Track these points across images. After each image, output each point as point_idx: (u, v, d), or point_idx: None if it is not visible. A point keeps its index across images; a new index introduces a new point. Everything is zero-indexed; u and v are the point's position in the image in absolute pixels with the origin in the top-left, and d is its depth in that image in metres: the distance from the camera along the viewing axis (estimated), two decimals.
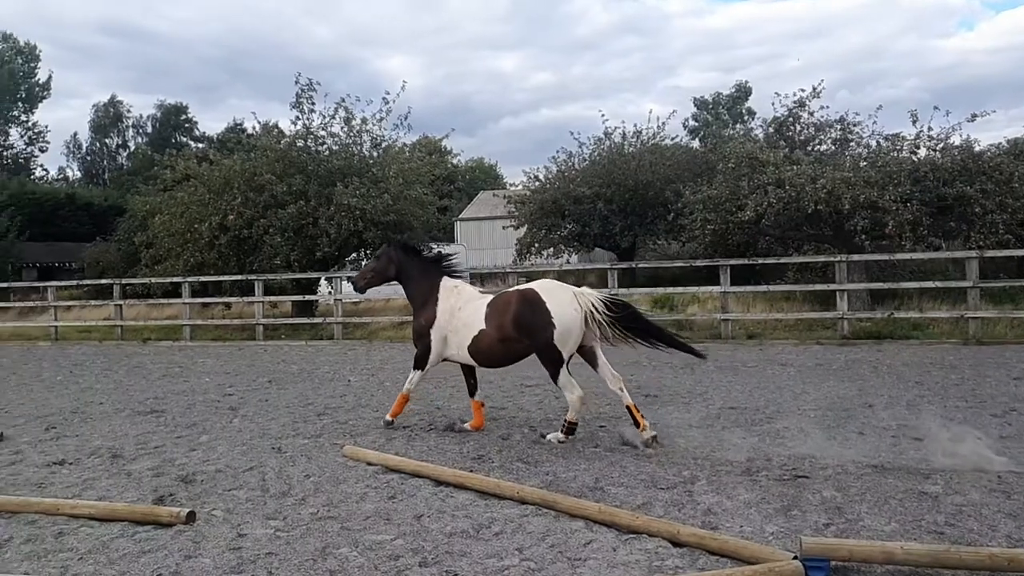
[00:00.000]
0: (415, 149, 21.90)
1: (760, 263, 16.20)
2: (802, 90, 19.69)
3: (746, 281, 16.90)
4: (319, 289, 20.84)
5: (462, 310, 6.91)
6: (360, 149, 20.97)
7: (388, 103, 20.61)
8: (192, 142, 60.32)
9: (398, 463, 5.85)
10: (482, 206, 45.92)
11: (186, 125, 65.75)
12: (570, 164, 25.45)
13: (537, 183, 25.38)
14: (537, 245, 24.84)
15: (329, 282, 19.77)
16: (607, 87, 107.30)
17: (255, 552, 4.23)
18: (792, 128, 19.78)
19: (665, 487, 5.24)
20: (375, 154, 21.10)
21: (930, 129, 17.03)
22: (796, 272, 17.72)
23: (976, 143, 16.98)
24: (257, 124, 22.31)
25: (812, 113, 19.50)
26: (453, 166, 50.91)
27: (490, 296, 6.96)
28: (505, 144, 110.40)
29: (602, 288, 10.23)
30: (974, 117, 16.63)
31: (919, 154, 16.80)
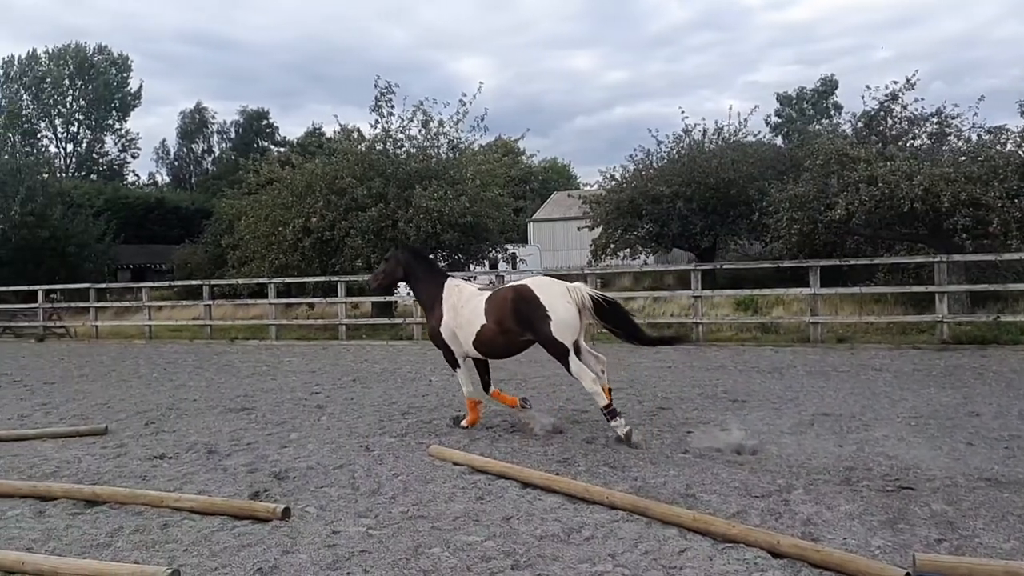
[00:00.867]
0: (491, 151, 21.98)
1: (851, 264, 15.56)
2: (894, 82, 18.85)
3: (832, 283, 16.30)
4: (398, 290, 21.17)
5: (464, 307, 7.22)
6: (437, 152, 21.21)
7: (464, 105, 20.81)
8: (273, 146, 62.34)
9: (483, 464, 5.85)
10: (555, 207, 45.88)
11: (267, 130, 68.11)
12: (648, 162, 25.11)
13: (613, 182, 25.12)
14: (613, 246, 24.59)
15: None
16: (684, 84, 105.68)
17: (349, 549, 4.28)
18: (884, 123, 18.91)
19: (760, 495, 5.06)
20: (451, 156, 21.31)
21: None
22: (886, 273, 16.98)
23: None
24: (339, 127, 22.86)
25: (906, 106, 18.57)
26: (527, 167, 50.94)
27: (488, 293, 7.28)
28: (578, 143, 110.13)
29: (681, 290, 10.04)
30: None
31: None
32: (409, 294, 10.46)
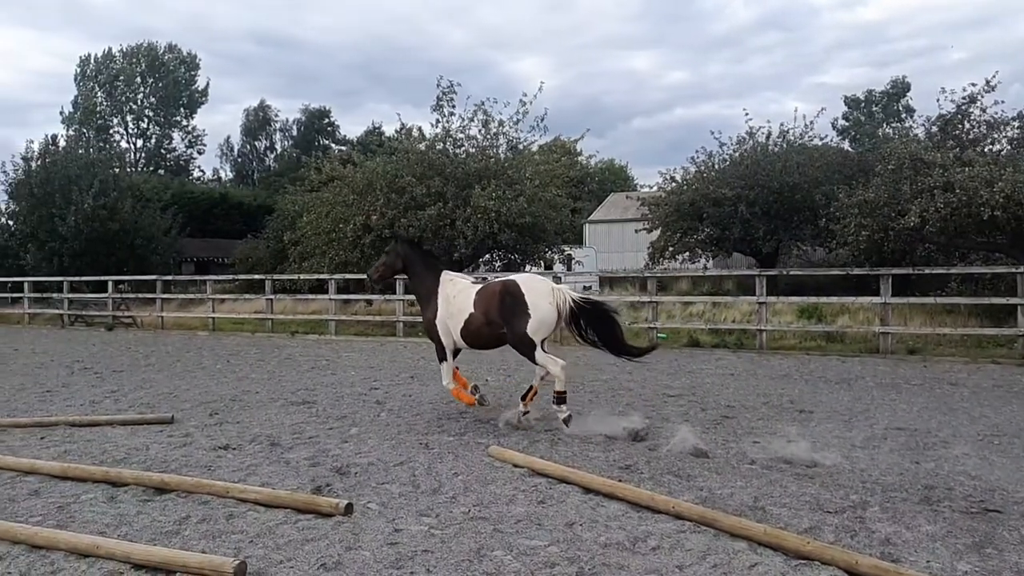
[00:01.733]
0: (550, 151, 21.88)
1: (923, 273, 14.92)
2: (972, 84, 18.04)
3: (899, 292, 15.73)
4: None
5: (456, 298, 7.65)
6: (496, 151, 21.20)
7: (525, 104, 20.74)
8: (334, 145, 63.46)
9: (544, 467, 5.77)
10: (612, 208, 45.50)
11: (328, 128, 69.27)
12: (710, 164, 24.65)
13: (673, 184, 24.76)
14: (672, 249, 24.25)
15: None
16: (746, 85, 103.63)
17: (412, 548, 4.25)
18: (960, 126, 18.12)
19: (833, 511, 4.87)
20: (510, 156, 21.27)
21: None
22: (959, 283, 16.29)
23: None
24: (401, 125, 23.07)
25: (985, 109, 17.77)
26: (583, 167, 50.66)
27: (480, 285, 7.70)
28: (636, 144, 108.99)
29: (740, 295, 9.80)
30: None
31: None
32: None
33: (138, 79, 63.29)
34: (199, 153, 68.31)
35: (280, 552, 4.20)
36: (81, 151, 31.95)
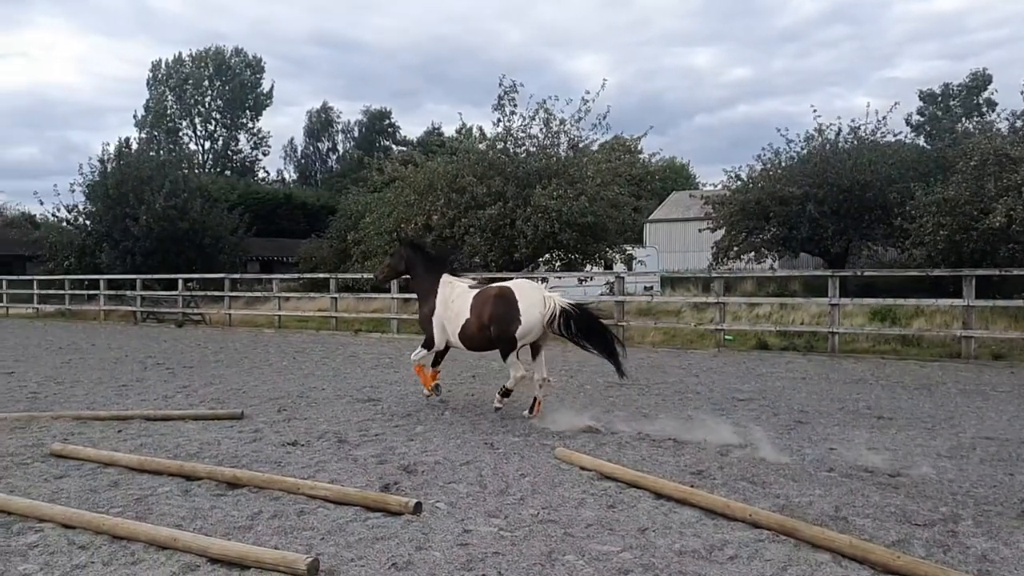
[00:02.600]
0: (612, 150, 21.62)
1: (1010, 274, 14.11)
2: None
3: (979, 294, 15.00)
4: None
5: (454, 301, 8.02)
6: (557, 150, 21.07)
7: (587, 102, 20.56)
8: (395, 145, 64.26)
9: (613, 470, 5.64)
10: (673, 207, 44.86)
11: (389, 129, 70.28)
12: (776, 162, 24.02)
13: (739, 182, 24.21)
14: (737, 248, 23.71)
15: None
16: (812, 80, 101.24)
17: (482, 550, 4.18)
18: None
19: (921, 524, 4.62)
20: (571, 155, 21.11)
21: None
22: None
23: None
24: (462, 125, 23.15)
25: None
26: (644, 165, 50.11)
27: (477, 290, 8.01)
28: (698, 142, 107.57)
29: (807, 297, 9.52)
30: None
31: None
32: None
33: (206, 82, 65.33)
34: (264, 155, 70.22)
35: (351, 550, 4.18)
36: (153, 153, 33.00)
